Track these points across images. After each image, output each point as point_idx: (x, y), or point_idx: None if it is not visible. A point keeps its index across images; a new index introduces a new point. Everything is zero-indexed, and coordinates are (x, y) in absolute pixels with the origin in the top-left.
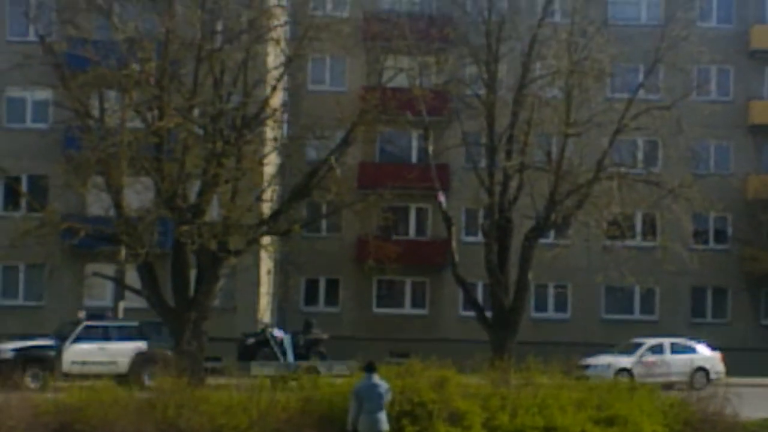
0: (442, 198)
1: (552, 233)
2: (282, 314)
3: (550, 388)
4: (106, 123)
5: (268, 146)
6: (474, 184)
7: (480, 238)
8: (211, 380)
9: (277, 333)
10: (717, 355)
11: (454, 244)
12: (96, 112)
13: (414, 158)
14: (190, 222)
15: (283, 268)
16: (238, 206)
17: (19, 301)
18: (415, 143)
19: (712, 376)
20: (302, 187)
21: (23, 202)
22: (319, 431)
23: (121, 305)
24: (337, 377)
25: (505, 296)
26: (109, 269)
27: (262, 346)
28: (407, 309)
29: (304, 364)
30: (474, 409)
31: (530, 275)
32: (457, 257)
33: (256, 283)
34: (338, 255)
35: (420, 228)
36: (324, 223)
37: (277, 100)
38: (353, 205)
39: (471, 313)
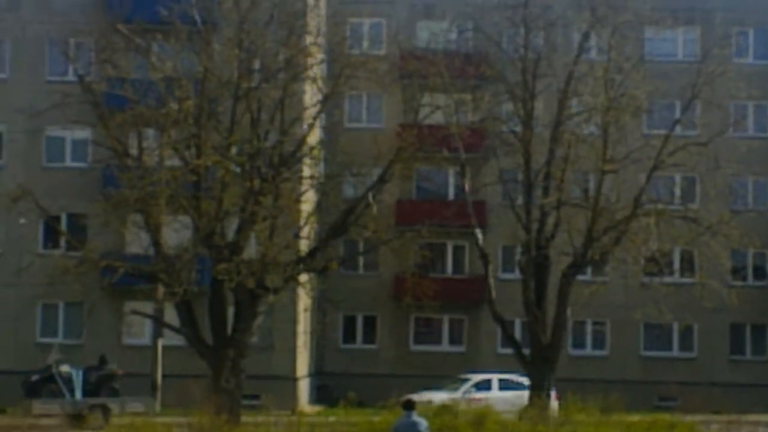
0: (479, 235)
1: (589, 270)
2: (320, 352)
3: (588, 425)
4: (145, 161)
5: (306, 184)
6: (511, 221)
7: (517, 275)
8: (248, 418)
9: (65, 368)
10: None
11: (491, 281)
12: (134, 151)
13: (451, 195)
14: (227, 260)
15: (320, 306)
16: (276, 244)
17: (59, 339)
18: (451, 180)
19: None
20: (339, 224)
21: (63, 240)
22: None
23: (160, 343)
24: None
25: (543, 333)
26: (148, 307)
27: (48, 383)
28: (445, 346)
29: (93, 401)
30: None
31: (568, 312)
32: (494, 294)
33: (294, 321)
34: (376, 292)
35: (457, 265)
36: (361, 261)
37: (314, 137)
38: (390, 243)
39: (509, 351)
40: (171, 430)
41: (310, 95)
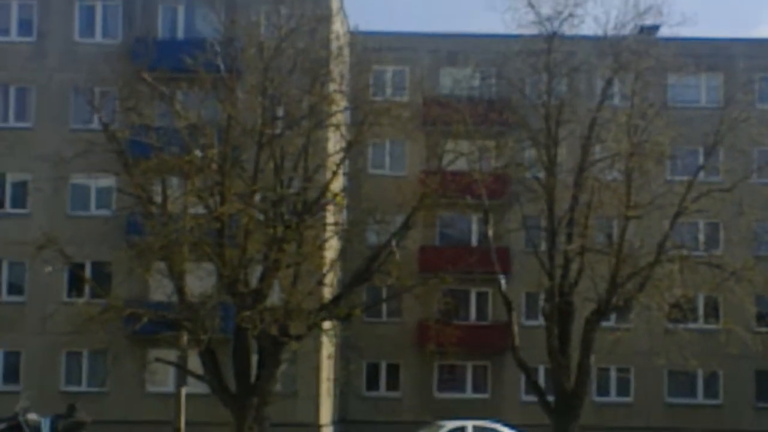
0: (502, 282)
1: (613, 316)
2: (344, 399)
3: None
4: (169, 209)
5: (329, 231)
6: (534, 267)
7: (541, 321)
8: None
9: (32, 417)
10: None
11: (515, 327)
12: (158, 199)
13: (474, 241)
14: (251, 307)
15: (344, 353)
16: (299, 291)
17: (83, 387)
18: (475, 227)
19: None
20: (363, 271)
21: (87, 288)
22: None
23: (183, 391)
24: None
25: (567, 380)
26: (172, 355)
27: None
28: (468, 393)
29: None
30: None
31: (592, 359)
32: (518, 341)
33: (317, 368)
34: (399, 339)
35: (481, 312)
36: (385, 308)
37: (337, 184)
38: (414, 289)
39: (533, 398)
40: None
41: (334, 142)
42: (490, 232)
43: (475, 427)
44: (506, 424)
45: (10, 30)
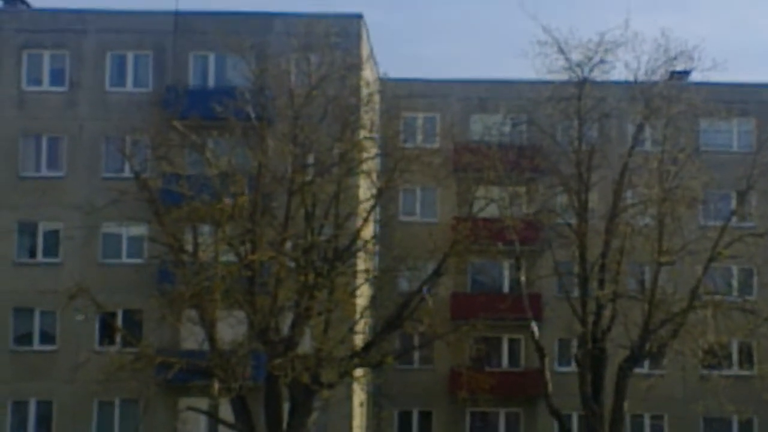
0: (535, 328)
1: (647, 363)
2: None
3: None
4: (200, 257)
5: (360, 278)
6: (567, 314)
7: (574, 368)
8: None
9: None
10: None
11: (547, 374)
12: (190, 247)
13: (506, 288)
14: (282, 355)
15: (376, 401)
16: (331, 338)
17: None
18: (506, 273)
19: None
20: (394, 318)
21: (118, 336)
22: None
23: None
24: None
25: (601, 427)
26: (203, 403)
27: None
28: None
29: None
30: None
31: (625, 406)
32: (551, 388)
33: (349, 416)
34: (431, 387)
35: (513, 358)
36: (416, 355)
37: (368, 231)
38: (445, 337)
39: None
40: None
41: (365, 189)
42: (522, 279)
43: None
44: None
45: (42, 80)
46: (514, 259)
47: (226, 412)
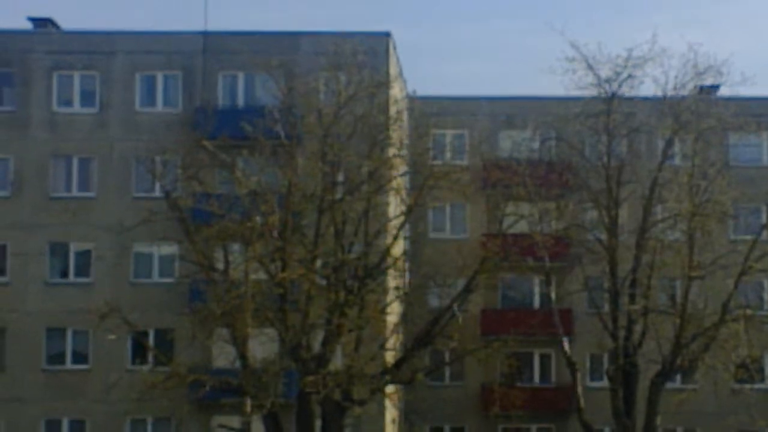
0: (566, 344)
1: (679, 377)
2: None
3: None
4: (231, 275)
5: (391, 295)
6: (597, 329)
7: (605, 383)
8: None
9: None
10: None
11: (579, 389)
12: (220, 265)
13: (536, 304)
14: (314, 372)
15: (407, 417)
16: (362, 355)
17: None
18: (537, 289)
19: None
20: (425, 335)
21: (150, 355)
22: None
23: None
24: None
25: None
26: (235, 421)
27: None
28: None
29: None
30: None
31: (658, 420)
32: (582, 403)
33: None
34: (463, 403)
35: (544, 374)
36: (447, 371)
37: (398, 248)
38: (476, 353)
39: None
40: None
41: (394, 206)
42: (553, 294)
43: None
44: None
45: (73, 101)
46: (544, 275)
47: (258, 429)
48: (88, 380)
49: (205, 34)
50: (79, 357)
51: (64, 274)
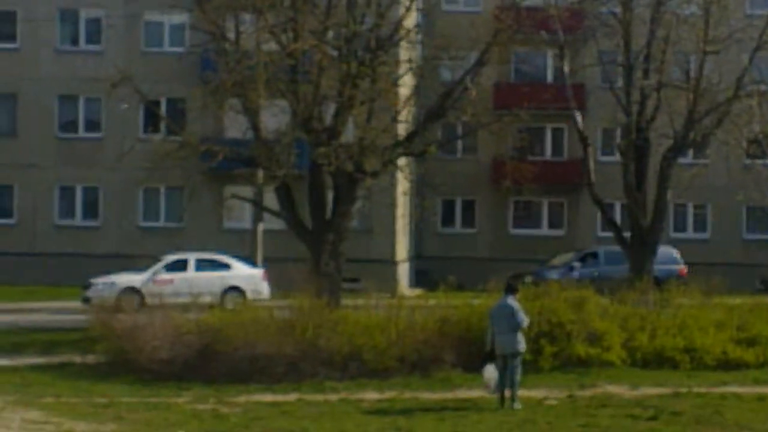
0: (578, 118)
1: (691, 152)
2: (419, 236)
3: (689, 308)
4: (242, 45)
5: (403, 67)
6: (610, 104)
7: (617, 157)
8: (348, 301)
9: None
10: (257, 273)
11: (591, 164)
12: (232, 35)
13: (549, 78)
14: (326, 144)
15: (419, 190)
16: (374, 127)
17: (160, 223)
18: (550, 63)
19: (249, 295)
20: (437, 108)
21: (162, 125)
22: (457, 351)
23: (260, 227)
24: None
25: (643, 216)
26: (248, 191)
27: None
28: (544, 230)
29: None
30: (613, 329)
31: (669, 195)
32: (594, 177)
33: (393, 205)
34: (474, 176)
35: (556, 148)
36: (459, 144)
37: (410, 21)
38: (489, 126)
39: (609, 234)
40: (272, 313)
41: None
42: (566, 68)
43: (198, 260)
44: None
45: None
46: (557, 49)
47: (270, 200)
48: (100, 148)
49: None
50: (92, 125)
51: (75, 41)
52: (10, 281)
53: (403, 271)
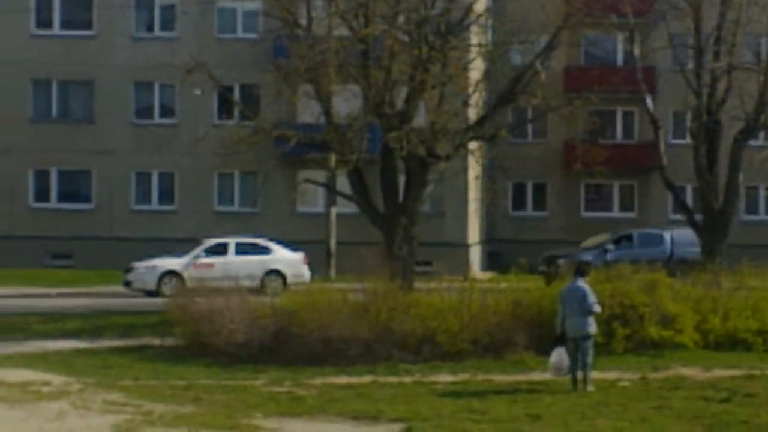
0: (649, 101)
1: (762, 135)
2: (490, 219)
3: (762, 291)
4: (314, 31)
5: (473, 52)
6: (681, 86)
7: (688, 140)
8: (421, 284)
9: None
10: (298, 257)
11: (662, 146)
12: (304, 21)
13: (619, 61)
14: (397, 128)
15: (490, 174)
16: (445, 112)
17: (235, 207)
18: (620, 46)
19: (290, 279)
20: (507, 92)
21: (236, 111)
22: (529, 334)
23: (333, 211)
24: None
25: (715, 199)
26: (321, 176)
27: None
28: (615, 212)
29: None
30: (685, 312)
31: (740, 177)
32: (665, 160)
33: (464, 189)
34: (545, 159)
35: (627, 131)
36: (530, 128)
37: (481, 5)
38: (559, 110)
39: (680, 216)
40: (346, 295)
41: None
42: (636, 51)
43: (237, 244)
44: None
45: None
46: (627, 32)
47: (343, 184)
48: (175, 134)
49: None
50: (167, 111)
51: (150, 28)
52: (89, 265)
53: (475, 254)
